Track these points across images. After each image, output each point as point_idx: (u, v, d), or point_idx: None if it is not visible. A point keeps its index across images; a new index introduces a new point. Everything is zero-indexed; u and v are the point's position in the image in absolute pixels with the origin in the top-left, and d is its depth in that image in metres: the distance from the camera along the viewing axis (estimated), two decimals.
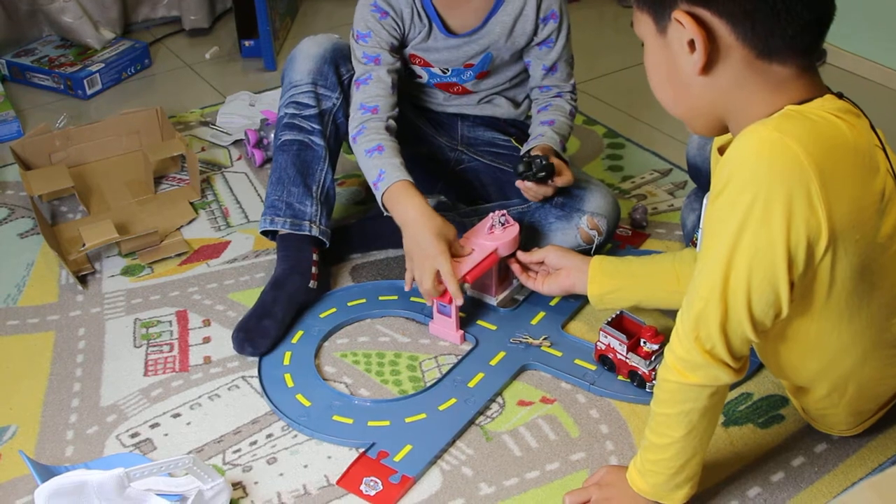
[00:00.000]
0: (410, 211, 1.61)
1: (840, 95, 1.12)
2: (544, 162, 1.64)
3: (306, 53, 1.78)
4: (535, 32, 1.75)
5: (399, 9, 1.71)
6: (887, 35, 2.52)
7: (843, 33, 2.57)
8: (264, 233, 1.77)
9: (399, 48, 1.75)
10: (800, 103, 1.09)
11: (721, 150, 1.23)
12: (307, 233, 1.72)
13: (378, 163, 1.65)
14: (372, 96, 1.71)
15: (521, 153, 1.72)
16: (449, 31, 1.73)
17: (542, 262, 1.69)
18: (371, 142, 1.67)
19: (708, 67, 1.10)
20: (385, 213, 1.66)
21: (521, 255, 1.69)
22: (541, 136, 1.74)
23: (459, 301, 1.59)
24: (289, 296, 1.66)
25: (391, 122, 1.71)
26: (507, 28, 1.73)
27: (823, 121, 1.07)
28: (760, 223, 1.05)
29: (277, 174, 1.76)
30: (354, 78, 1.75)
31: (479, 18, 1.72)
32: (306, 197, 1.74)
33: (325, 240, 1.74)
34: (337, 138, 1.80)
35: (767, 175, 1.04)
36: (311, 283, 1.70)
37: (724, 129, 1.19)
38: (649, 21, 1.14)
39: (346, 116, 1.77)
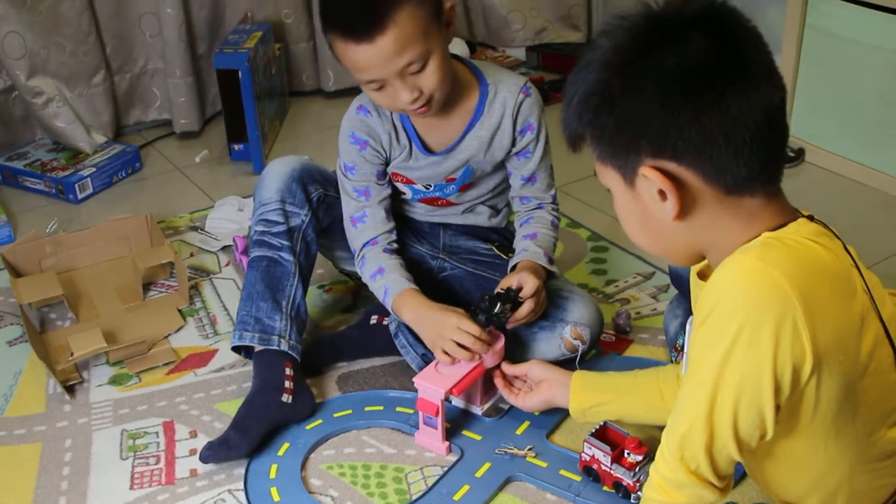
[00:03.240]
0: (417, 308, 1.70)
1: (811, 218, 1.16)
2: (495, 301, 1.65)
3: (275, 173, 1.82)
4: (512, 144, 1.77)
5: (377, 136, 1.74)
6: (865, 134, 2.56)
7: (821, 133, 2.62)
8: (237, 349, 1.78)
9: (385, 172, 1.79)
10: (775, 229, 1.12)
11: (699, 275, 1.26)
12: (276, 347, 1.73)
13: (382, 283, 1.74)
14: (370, 235, 1.78)
15: (482, 296, 1.69)
16: (427, 149, 1.76)
17: (524, 376, 1.69)
18: (372, 267, 1.76)
19: (682, 214, 1.12)
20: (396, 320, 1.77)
21: (505, 367, 1.70)
22: (524, 252, 1.76)
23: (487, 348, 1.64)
24: (257, 413, 1.66)
25: (390, 244, 1.79)
26: (485, 142, 1.74)
27: (802, 247, 1.10)
28: (747, 350, 1.07)
29: (247, 290, 1.78)
30: (349, 214, 1.80)
31: (456, 135, 1.74)
32: (275, 312, 1.75)
33: (295, 355, 1.74)
34: (308, 255, 1.82)
35: (753, 304, 1.06)
36: (285, 398, 1.68)
37: (703, 258, 1.22)
38: (615, 174, 1.16)
39: (317, 233, 1.83)
